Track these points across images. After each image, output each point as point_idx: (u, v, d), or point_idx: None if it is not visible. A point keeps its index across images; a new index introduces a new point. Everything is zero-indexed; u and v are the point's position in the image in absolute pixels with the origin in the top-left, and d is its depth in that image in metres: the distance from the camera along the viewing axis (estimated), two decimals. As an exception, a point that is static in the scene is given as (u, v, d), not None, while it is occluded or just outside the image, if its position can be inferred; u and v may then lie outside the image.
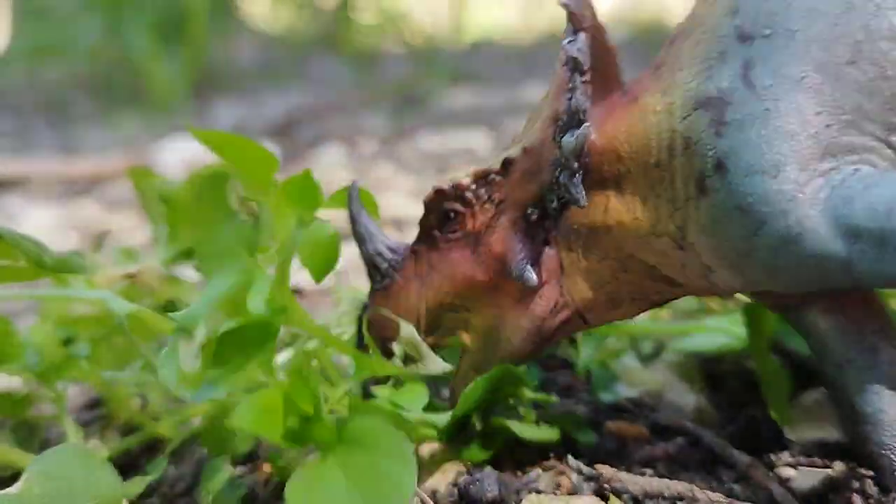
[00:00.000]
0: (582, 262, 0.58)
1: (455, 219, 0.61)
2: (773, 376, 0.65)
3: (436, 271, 0.62)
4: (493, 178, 0.60)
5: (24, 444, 0.66)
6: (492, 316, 0.61)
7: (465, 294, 0.61)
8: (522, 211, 0.59)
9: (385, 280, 0.63)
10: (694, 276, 0.56)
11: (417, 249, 0.63)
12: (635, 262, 0.57)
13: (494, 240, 0.59)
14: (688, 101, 0.54)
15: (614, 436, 0.65)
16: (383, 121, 2.39)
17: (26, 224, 1.50)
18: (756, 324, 0.67)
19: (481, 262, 0.60)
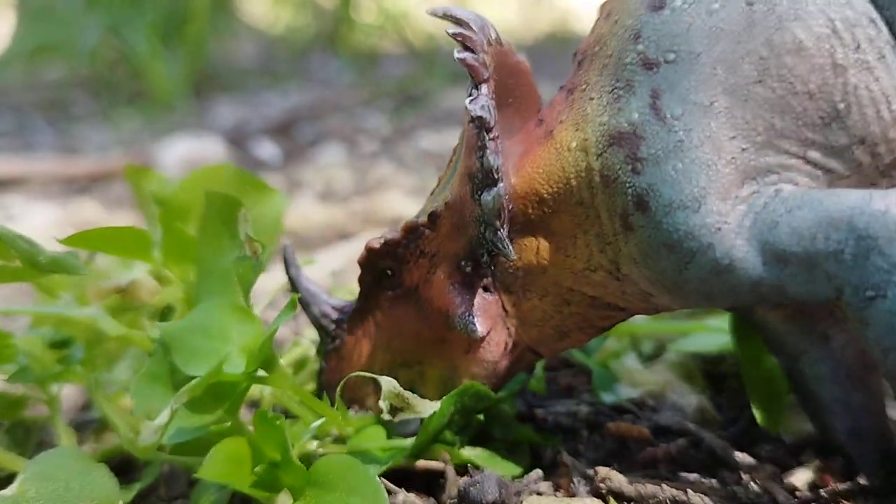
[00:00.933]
0: (524, 303, 0.58)
1: (392, 275, 0.60)
2: (762, 383, 0.65)
3: (382, 329, 0.62)
4: (422, 232, 0.59)
5: (19, 445, 0.66)
6: (444, 367, 0.60)
7: (414, 349, 0.60)
8: (456, 263, 0.58)
9: (335, 341, 0.63)
10: (636, 300, 0.56)
11: (362, 308, 0.63)
12: (576, 294, 0.57)
13: (433, 294, 0.59)
14: (601, 136, 0.53)
15: (615, 437, 0.65)
16: (383, 120, 2.39)
17: (26, 223, 1.49)
18: (743, 329, 0.66)
19: (425, 317, 0.59)
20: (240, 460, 0.54)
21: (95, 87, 3.08)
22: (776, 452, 0.62)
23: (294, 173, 1.83)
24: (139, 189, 0.83)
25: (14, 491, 0.52)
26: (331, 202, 1.54)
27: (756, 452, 0.62)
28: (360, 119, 2.42)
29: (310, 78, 3.23)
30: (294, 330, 0.92)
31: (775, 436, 0.64)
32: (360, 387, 0.62)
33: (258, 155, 2.02)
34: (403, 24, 3.74)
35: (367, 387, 0.62)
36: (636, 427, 0.65)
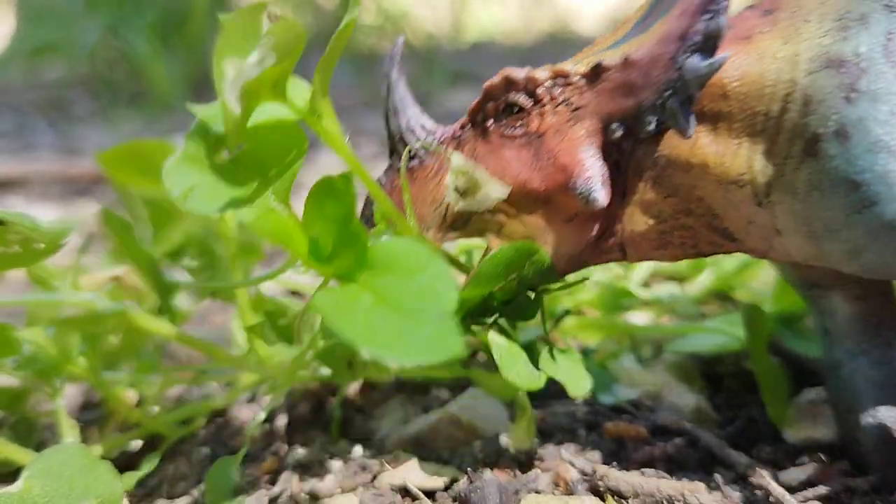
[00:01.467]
0: (647, 194, 0.55)
1: (518, 114, 0.55)
2: (771, 376, 0.65)
3: (479, 164, 0.56)
4: (575, 81, 0.54)
5: (23, 440, 0.66)
6: (533, 227, 0.56)
7: (511, 199, 0.55)
8: (605, 124, 0.54)
9: (412, 161, 0.57)
10: (756, 235, 0.54)
11: (462, 137, 0.57)
12: (702, 206, 0.54)
13: (563, 148, 0.54)
14: (817, 56, 0.50)
15: (613, 436, 0.65)
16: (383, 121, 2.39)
17: (26, 224, 1.49)
18: (754, 324, 0.67)
19: (540, 169, 0.54)
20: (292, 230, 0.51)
21: (95, 87, 3.08)
22: (774, 452, 0.62)
23: (294, 174, 1.83)
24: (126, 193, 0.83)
25: (19, 488, 0.53)
26: (331, 203, 1.54)
27: (753, 452, 0.62)
28: (361, 120, 2.43)
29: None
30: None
31: (773, 435, 0.64)
32: (425, 216, 0.57)
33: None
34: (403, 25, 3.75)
35: (427, 209, 0.57)
36: (634, 427, 0.65)
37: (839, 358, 0.59)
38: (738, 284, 0.90)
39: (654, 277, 0.96)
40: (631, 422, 0.67)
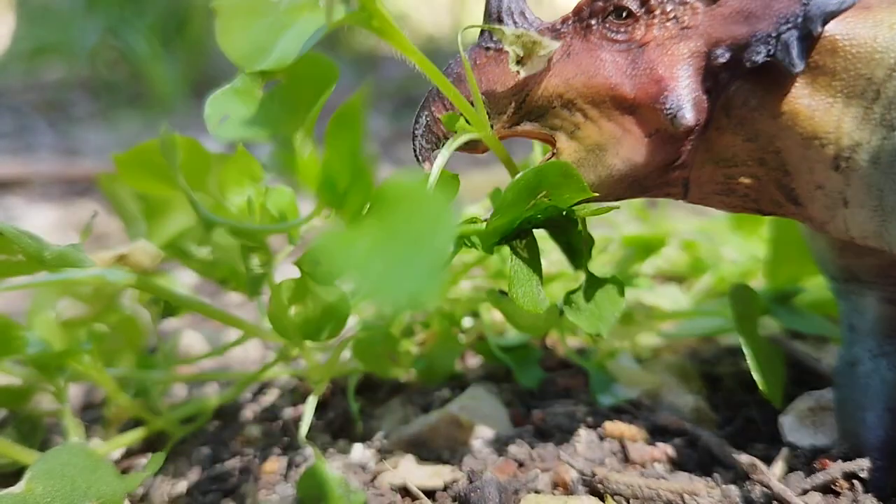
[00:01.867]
0: (728, 133, 0.54)
1: (625, 19, 0.54)
2: (763, 353, 0.65)
3: (573, 62, 0.54)
4: (690, 1, 0.53)
5: (26, 439, 0.66)
6: (609, 135, 0.54)
7: (596, 100, 0.54)
8: (710, 48, 0.52)
9: (502, 43, 0.55)
10: (821, 203, 0.53)
11: (560, 30, 0.55)
12: (777, 159, 0.53)
13: (662, 62, 0.53)
14: None
15: (613, 436, 0.65)
16: (384, 122, 2.40)
17: (27, 224, 1.50)
18: (743, 302, 0.66)
19: (634, 77, 0.53)
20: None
21: (95, 87, 3.09)
22: (773, 452, 0.63)
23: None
24: (114, 195, 0.83)
25: (22, 488, 0.53)
26: (331, 204, 1.55)
27: (753, 451, 0.63)
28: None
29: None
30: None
31: (772, 435, 0.65)
32: (501, 101, 0.55)
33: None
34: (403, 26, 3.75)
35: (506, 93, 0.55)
36: (633, 427, 0.65)
37: (859, 356, 0.59)
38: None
39: (655, 278, 0.96)
40: (630, 422, 0.67)
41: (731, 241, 0.94)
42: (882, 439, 0.57)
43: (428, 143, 0.55)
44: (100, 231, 1.46)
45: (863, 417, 0.58)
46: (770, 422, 0.65)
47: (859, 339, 0.60)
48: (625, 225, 0.93)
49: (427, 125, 0.55)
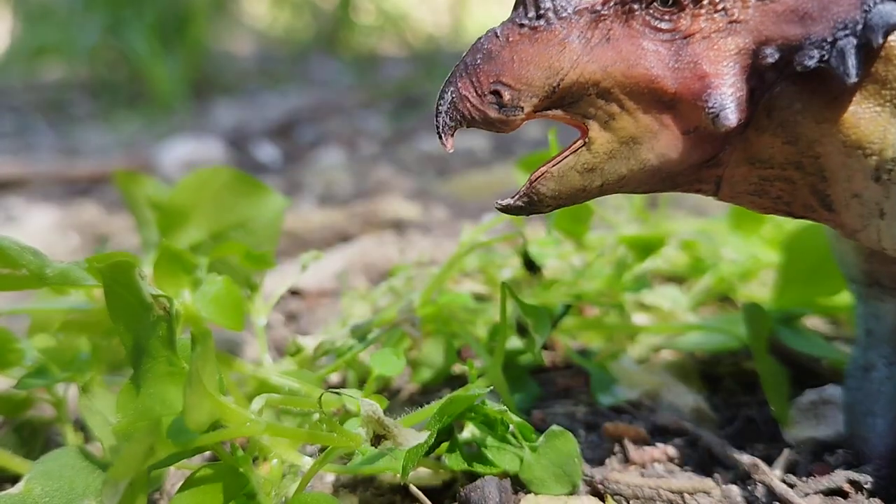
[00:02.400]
0: (767, 134, 0.51)
1: (671, 7, 0.50)
2: (773, 375, 0.66)
3: (613, 48, 0.51)
4: None
5: (26, 445, 0.66)
6: (645, 128, 0.51)
7: (634, 91, 0.51)
8: (760, 44, 0.50)
9: (538, 21, 0.51)
10: (856, 212, 0.51)
11: (600, 12, 0.51)
12: (815, 165, 0.52)
13: (707, 57, 0.50)
14: None
15: (613, 437, 0.65)
16: (383, 122, 2.40)
17: (27, 225, 1.50)
18: (756, 324, 0.67)
19: (676, 70, 0.50)
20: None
21: (95, 88, 3.09)
22: (774, 451, 0.63)
23: (294, 175, 1.83)
24: (130, 195, 0.83)
25: (20, 489, 0.53)
26: (331, 205, 1.55)
27: (753, 451, 0.63)
28: (360, 121, 2.43)
29: (309, 80, 3.23)
30: (294, 330, 0.92)
31: (772, 435, 0.65)
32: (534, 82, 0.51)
33: (258, 157, 2.03)
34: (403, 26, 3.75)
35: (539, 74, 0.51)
36: (633, 427, 0.65)
37: (873, 361, 0.59)
38: (738, 286, 0.90)
39: (655, 278, 0.96)
40: (630, 422, 0.67)
41: (731, 242, 0.94)
42: (891, 447, 0.57)
43: (452, 121, 0.52)
44: (102, 231, 1.47)
45: (873, 423, 0.58)
46: (770, 422, 0.65)
47: (875, 345, 0.59)
48: (624, 225, 0.93)
49: (452, 101, 0.51)
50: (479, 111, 0.51)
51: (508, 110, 0.51)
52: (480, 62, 0.51)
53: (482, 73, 0.50)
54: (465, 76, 0.51)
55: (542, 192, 0.52)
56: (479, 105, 0.51)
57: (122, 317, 0.53)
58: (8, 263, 0.56)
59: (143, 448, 0.50)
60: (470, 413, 0.58)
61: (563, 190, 0.52)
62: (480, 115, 0.51)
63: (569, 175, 0.52)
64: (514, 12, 0.52)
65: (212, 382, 0.50)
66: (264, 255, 0.71)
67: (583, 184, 0.52)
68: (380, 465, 0.54)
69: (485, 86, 0.50)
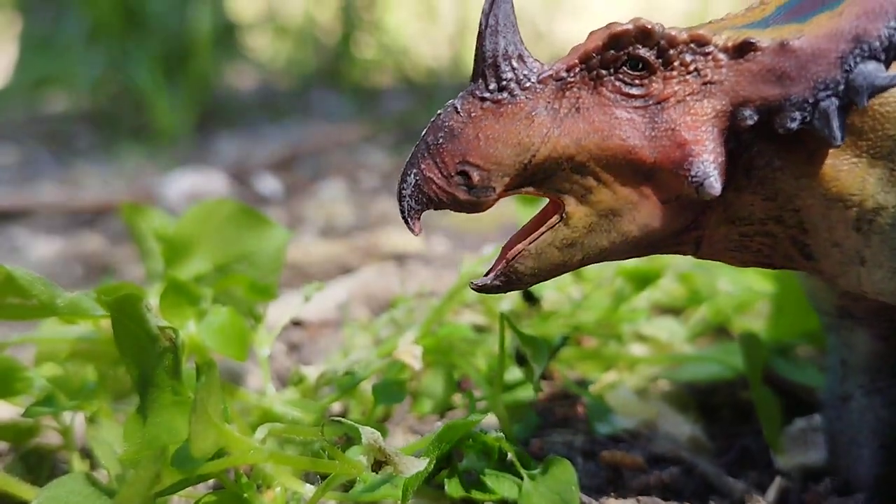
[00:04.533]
0: (745, 194, 0.50)
1: (641, 71, 0.48)
2: (768, 404, 0.67)
3: (584, 118, 0.48)
4: (712, 52, 0.48)
5: (32, 472, 0.67)
6: (624, 201, 0.49)
7: (610, 163, 0.48)
8: (736, 108, 0.48)
9: (500, 94, 0.48)
10: (836, 260, 0.50)
11: (566, 79, 0.49)
12: (794, 217, 0.50)
13: (684, 123, 0.48)
14: None
15: (610, 465, 0.66)
16: (384, 155, 2.41)
17: (30, 256, 1.51)
18: (752, 354, 0.68)
19: (653, 139, 0.48)
20: None
21: (98, 120, 3.10)
22: (768, 480, 0.63)
23: (295, 208, 1.85)
24: (135, 226, 0.85)
25: (28, 515, 0.54)
26: (332, 237, 1.56)
27: (748, 479, 0.63)
28: (361, 154, 2.45)
29: (310, 113, 3.25)
30: (296, 360, 0.93)
31: (767, 464, 0.66)
32: (503, 160, 0.48)
33: (260, 190, 2.04)
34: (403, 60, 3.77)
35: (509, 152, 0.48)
36: (630, 455, 0.66)
37: (850, 391, 0.58)
38: (734, 318, 0.91)
39: (652, 310, 0.97)
40: (627, 450, 0.68)
41: (727, 273, 0.95)
42: (878, 476, 0.57)
43: (418, 204, 0.49)
44: (105, 262, 1.48)
45: (859, 454, 0.58)
46: (765, 450, 0.66)
47: (851, 375, 0.58)
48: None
49: (417, 184, 0.49)
50: (447, 193, 0.49)
51: (479, 191, 0.48)
52: (443, 141, 0.48)
53: (447, 154, 0.48)
54: (427, 157, 0.49)
55: (521, 271, 0.50)
56: (447, 187, 0.48)
57: (129, 348, 0.55)
58: (19, 293, 0.57)
59: (149, 475, 0.51)
60: (469, 441, 0.59)
61: (542, 267, 0.51)
62: (449, 197, 0.49)
63: (547, 252, 0.50)
64: (474, 84, 0.49)
65: (216, 411, 0.52)
66: (267, 287, 0.72)
67: (563, 259, 0.50)
68: (380, 492, 0.55)
69: (451, 167, 0.48)
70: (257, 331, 0.73)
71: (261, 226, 0.77)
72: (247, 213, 0.77)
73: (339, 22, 3.75)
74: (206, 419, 0.50)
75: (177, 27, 3.01)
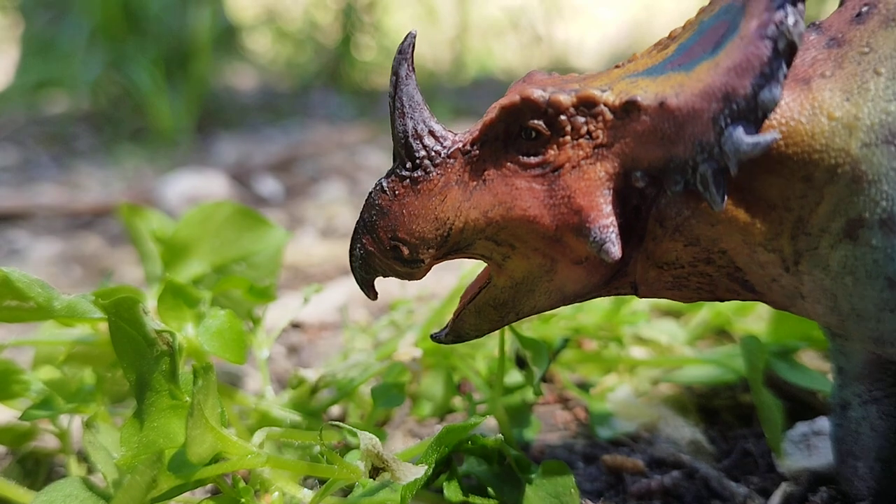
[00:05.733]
0: (666, 241, 0.49)
1: (535, 140, 0.48)
2: (770, 408, 0.66)
3: (489, 191, 0.49)
4: (601, 113, 0.47)
5: (30, 475, 0.67)
6: (537, 265, 0.50)
7: (516, 231, 0.49)
8: (629, 169, 0.47)
9: (416, 171, 0.50)
10: (780, 293, 0.49)
11: (472, 153, 0.50)
12: (724, 259, 0.49)
13: (579, 188, 0.47)
14: (880, 126, 0.44)
15: (611, 469, 0.66)
16: (384, 157, 2.41)
17: (30, 258, 1.51)
18: (753, 357, 0.68)
19: (552, 207, 0.48)
20: None
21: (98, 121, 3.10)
22: (769, 484, 0.63)
23: (295, 210, 1.84)
24: (134, 228, 0.84)
25: (24, 520, 0.54)
26: (332, 238, 1.56)
27: (749, 483, 0.63)
28: (361, 156, 2.44)
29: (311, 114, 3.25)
30: (296, 363, 0.93)
31: (768, 467, 0.65)
32: (425, 234, 0.50)
33: (260, 191, 2.04)
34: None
35: (429, 227, 0.50)
36: (631, 459, 0.66)
37: (848, 399, 0.58)
38: (734, 320, 0.91)
39: (653, 312, 0.97)
40: (628, 454, 0.67)
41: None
42: (873, 490, 0.57)
43: (368, 274, 0.52)
44: (104, 264, 1.47)
45: (854, 466, 0.57)
46: (766, 454, 0.66)
47: (848, 383, 0.58)
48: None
49: (363, 257, 0.52)
50: (386, 265, 0.51)
51: (411, 263, 0.51)
52: (376, 218, 0.50)
53: (380, 230, 0.50)
54: (366, 233, 0.51)
55: (465, 328, 0.54)
56: (385, 260, 0.51)
57: (127, 352, 0.54)
58: (16, 296, 0.57)
59: (146, 480, 0.50)
60: (468, 444, 0.58)
61: (482, 323, 0.54)
62: (389, 268, 0.52)
63: (485, 310, 0.53)
64: (395, 163, 0.51)
65: (214, 415, 0.51)
66: (266, 289, 0.72)
67: (499, 316, 0.53)
68: (379, 497, 0.55)
69: (385, 242, 0.50)
70: (256, 333, 0.72)
71: (260, 227, 0.77)
72: (246, 215, 0.77)
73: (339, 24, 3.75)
74: (203, 423, 0.50)
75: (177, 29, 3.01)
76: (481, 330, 0.54)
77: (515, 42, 4.73)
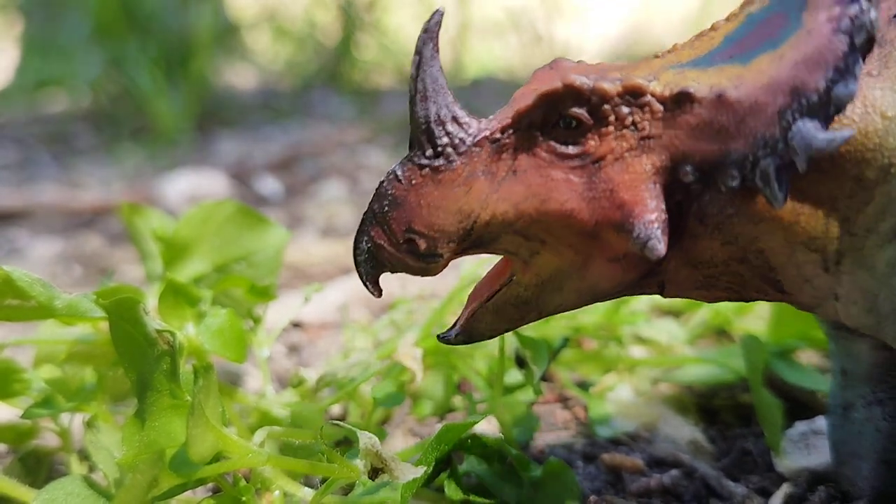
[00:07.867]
0: (704, 239, 0.47)
1: (575, 129, 0.46)
2: (769, 407, 0.66)
3: (520, 182, 0.46)
4: (649, 103, 0.45)
5: (32, 473, 0.67)
6: (570, 261, 0.47)
7: (549, 225, 0.46)
8: (678, 163, 0.45)
9: (437, 160, 0.46)
10: (810, 294, 0.48)
11: (502, 141, 0.46)
12: (760, 258, 0.47)
13: (623, 181, 0.45)
14: None
15: (610, 468, 0.66)
16: (384, 156, 2.41)
17: (30, 257, 1.51)
18: (753, 357, 0.68)
19: (592, 200, 0.45)
20: None
21: (98, 120, 3.10)
22: (768, 483, 0.63)
23: (295, 209, 1.84)
24: (135, 227, 0.85)
25: (26, 518, 0.54)
26: (332, 238, 1.56)
27: (748, 483, 0.63)
28: (361, 155, 2.44)
29: (311, 114, 3.25)
30: (296, 362, 0.93)
31: (767, 467, 0.65)
32: (446, 227, 0.46)
33: (260, 190, 2.04)
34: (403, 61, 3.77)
35: (451, 220, 0.46)
36: (630, 458, 0.66)
37: (852, 401, 0.57)
38: (734, 320, 0.91)
39: (653, 311, 0.97)
40: (628, 453, 0.68)
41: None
42: (877, 491, 0.57)
43: (374, 269, 0.49)
44: (105, 263, 1.47)
45: (858, 466, 0.57)
46: (766, 454, 0.66)
47: (852, 385, 0.57)
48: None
49: (370, 251, 0.48)
50: (398, 259, 0.48)
51: (427, 258, 0.47)
52: (388, 209, 0.47)
53: (393, 222, 0.47)
54: (376, 225, 0.47)
55: (480, 328, 0.51)
56: (397, 254, 0.47)
57: (127, 351, 0.54)
58: (18, 295, 0.57)
59: (147, 479, 0.51)
60: (468, 443, 0.58)
61: (500, 323, 0.50)
62: (400, 263, 0.48)
63: (504, 309, 0.50)
64: (411, 151, 0.47)
65: (214, 414, 0.51)
66: (267, 288, 0.72)
67: (520, 315, 0.50)
68: (379, 496, 0.55)
69: (398, 235, 0.47)
70: (256, 332, 0.72)
71: (260, 226, 0.77)
72: (246, 214, 0.77)
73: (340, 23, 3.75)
74: (203, 422, 0.50)
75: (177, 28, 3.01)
76: (498, 330, 0.51)
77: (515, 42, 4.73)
